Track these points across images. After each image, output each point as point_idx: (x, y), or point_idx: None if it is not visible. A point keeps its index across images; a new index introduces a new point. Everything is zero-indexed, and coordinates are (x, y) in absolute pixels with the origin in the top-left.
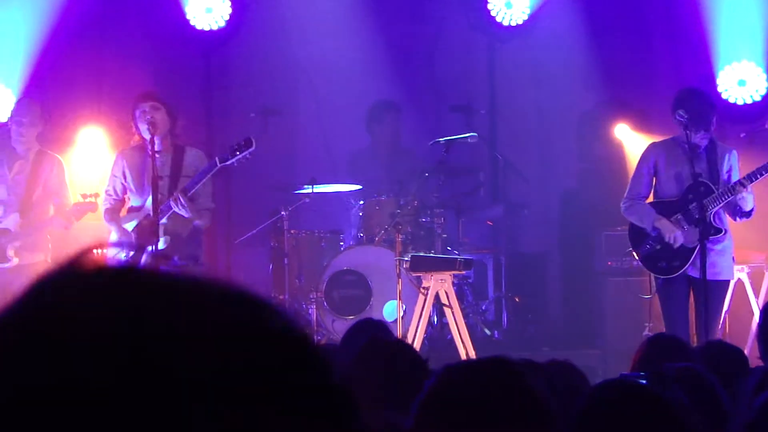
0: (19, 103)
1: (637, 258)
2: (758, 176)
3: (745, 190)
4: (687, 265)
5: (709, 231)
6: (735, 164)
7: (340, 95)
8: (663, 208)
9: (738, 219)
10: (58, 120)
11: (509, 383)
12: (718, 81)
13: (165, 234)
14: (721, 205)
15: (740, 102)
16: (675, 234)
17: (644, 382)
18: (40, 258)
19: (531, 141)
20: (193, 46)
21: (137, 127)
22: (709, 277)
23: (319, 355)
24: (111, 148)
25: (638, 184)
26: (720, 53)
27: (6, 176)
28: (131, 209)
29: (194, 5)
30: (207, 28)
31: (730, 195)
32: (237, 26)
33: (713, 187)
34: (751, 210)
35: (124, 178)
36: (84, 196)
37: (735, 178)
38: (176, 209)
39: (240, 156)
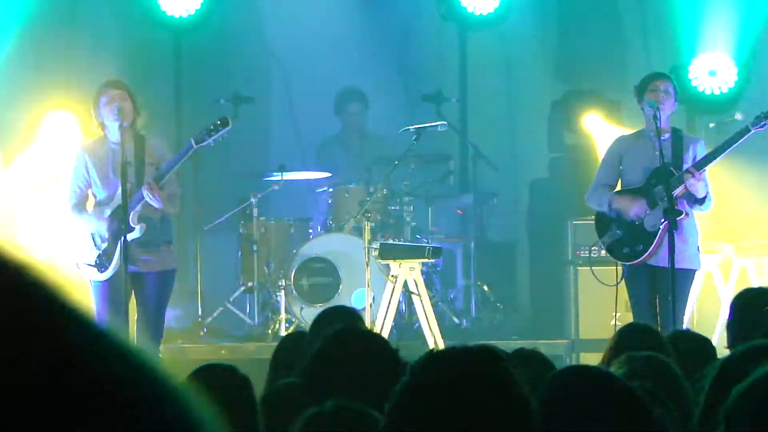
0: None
1: (603, 247)
2: (706, 164)
3: (692, 177)
4: (650, 250)
5: (674, 213)
6: (701, 153)
7: (310, 82)
8: (627, 194)
9: (692, 207)
10: (27, 105)
11: (491, 371)
12: (689, 69)
13: (140, 221)
14: (679, 191)
15: (710, 92)
16: (634, 209)
17: None
18: None
19: (501, 130)
20: (163, 31)
21: (100, 114)
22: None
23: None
24: (80, 134)
25: (603, 174)
26: (691, 43)
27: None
28: (99, 203)
29: None
30: (178, 14)
31: (681, 182)
32: (208, 12)
33: (675, 171)
34: (704, 198)
35: (87, 172)
36: None
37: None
38: (148, 199)
39: (216, 135)
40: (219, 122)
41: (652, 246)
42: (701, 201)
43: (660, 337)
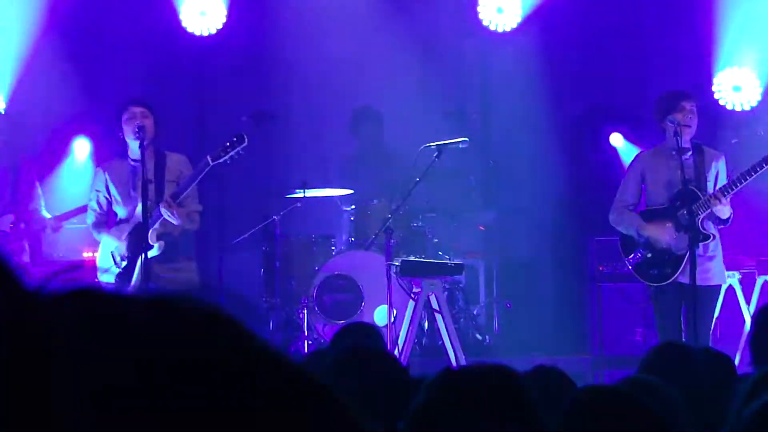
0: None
1: (629, 268)
2: (731, 189)
3: (719, 203)
4: (678, 273)
5: (698, 237)
6: (722, 169)
7: (332, 100)
8: (652, 216)
9: (716, 226)
10: (53, 125)
11: (507, 389)
12: (714, 83)
13: (158, 239)
14: (707, 212)
15: (734, 108)
16: (663, 237)
17: None
18: None
19: (523, 146)
20: (186, 50)
21: (122, 130)
22: (700, 282)
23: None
24: (101, 152)
25: (625, 192)
26: (717, 58)
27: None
28: (120, 221)
29: (188, 9)
30: (200, 33)
31: (707, 207)
32: (230, 30)
33: (699, 194)
34: (728, 218)
35: (108, 191)
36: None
37: (722, 182)
38: (166, 216)
39: (233, 152)
40: (235, 139)
41: (680, 268)
42: (725, 221)
43: (692, 355)
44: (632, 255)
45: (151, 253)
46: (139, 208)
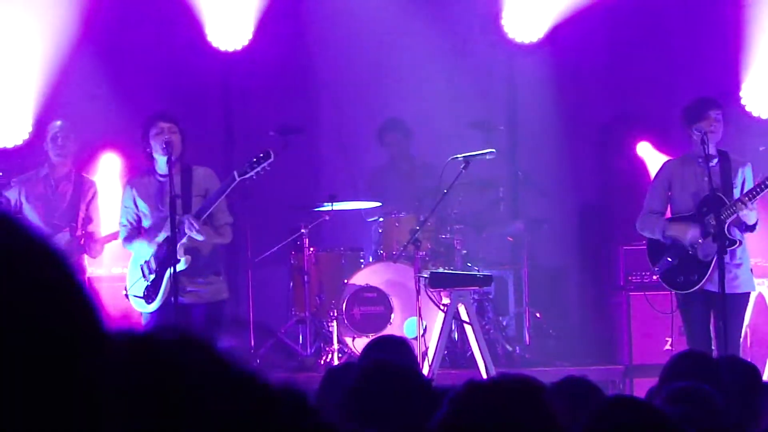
0: (59, 122)
1: (656, 275)
2: (757, 192)
3: (745, 207)
4: (704, 280)
5: (726, 243)
6: (749, 176)
7: (359, 112)
8: (680, 222)
9: (743, 233)
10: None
11: (531, 402)
12: (741, 93)
13: (186, 254)
14: (733, 218)
15: (762, 116)
16: (689, 234)
17: None
18: None
19: (550, 156)
20: (212, 65)
21: (149, 145)
22: (729, 290)
23: None
24: (127, 168)
25: (652, 201)
26: (745, 65)
27: (49, 198)
28: (148, 231)
29: (214, 24)
30: (227, 47)
31: (734, 212)
32: (256, 45)
33: (725, 199)
34: (755, 224)
35: (136, 206)
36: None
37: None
38: (190, 234)
39: (258, 168)
40: (261, 155)
41: (707, 276)
42: (752, 228)
43: (714, 363)
44: (659, 262)
45: (178, 267)
46: (167, 222)
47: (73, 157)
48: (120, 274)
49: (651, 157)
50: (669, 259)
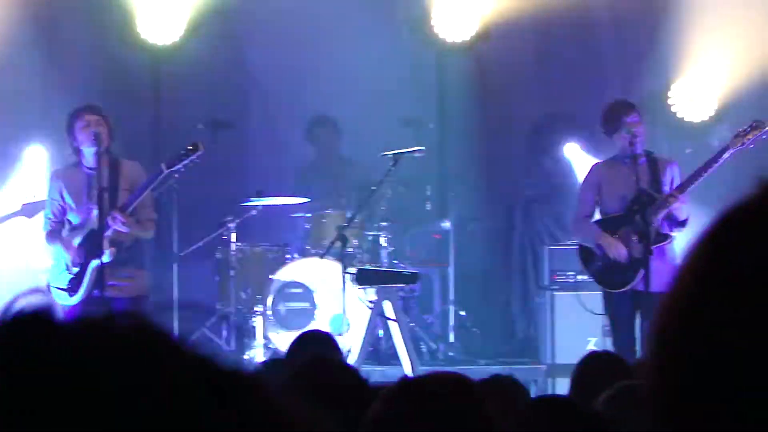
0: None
1: (590, 276)
2: (688, 186)
3: (677, 201)
4: (637, 279)
5: (655, 239)
6: (677, 176)
7: (289, 108)
8: (609, 223)
9: (673, 230)
10: (7, 133)
11: (465, 398)
12: (669, 95)
13: (110, 246)
14: (663, 214)
15: (689, 118)
16: (618, 251)
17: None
18: None
19: (479, 155)
20: (143, 58)
21: (76, 139)
22: (657, 288)
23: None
24: (54, 160)
25: (584, 205)
26: (673, 69)
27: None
28: (73, 227)
29: (144, 18)
30: (157, 41)
31: (666, 206)
32: (188, 39)
33: (656, 195)
34: (686, 220)
35: (62, 198)
36: None
37: None
38: (115, 227)
39: (187, 161)
40: (189, 147)
41: (640, 273)
42: (683, 223)
43: (626, 363)
44: (592, 264)
45: (103, 259)
46: (94, 213)
47: None
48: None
49: (578, 158)
50: (601, 260)
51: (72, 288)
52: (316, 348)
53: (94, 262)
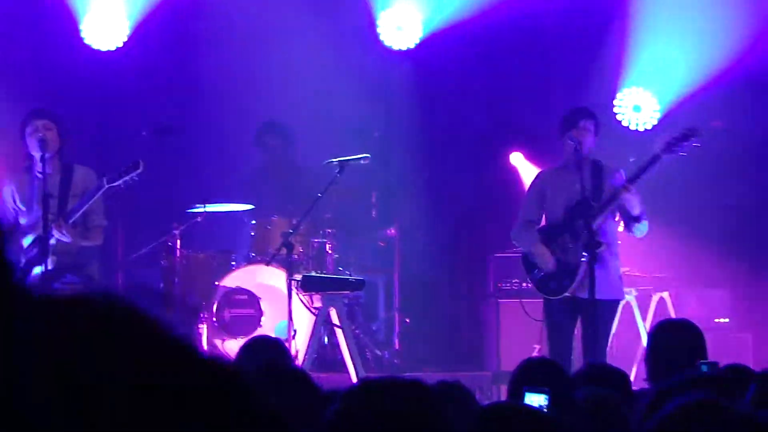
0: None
1: (531, 284)
2: (638, 177)
3: (628, 192)
4: (574, 285)
5: (593, 246)
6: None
7: (235, 115)
8: (550, 230)
9: (632, 228)
10: None
11: (423, 402)
12: (615, 103)
13: (54, 254)
14: (606, 213)
15: (633, 127)
16: (545, 260)
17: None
18: None
19: (424, 163)
20: (87, 64)
21: (26, 144)
22: (598, 296)
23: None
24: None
25: (526, 211)
26: (619, 78)
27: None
28: (23, 232)
29: (89, 23)
30: (102, 47)
31: (614, 201)
32: (133, 44)
33: (592, 203)
34: (641, 214)
35: (14, 201)
36: None
37: None
38: (58, 236)
39: (127, 177)
40: (131, 165)
41: (576, 279)
42: (637, 219)
43: (561, 369)
44: (533, 271)
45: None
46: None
47: None
48: None
49: (523, 167)
50: (540, 271)
51: None
52: (267, 354)
53: (38, 269)
